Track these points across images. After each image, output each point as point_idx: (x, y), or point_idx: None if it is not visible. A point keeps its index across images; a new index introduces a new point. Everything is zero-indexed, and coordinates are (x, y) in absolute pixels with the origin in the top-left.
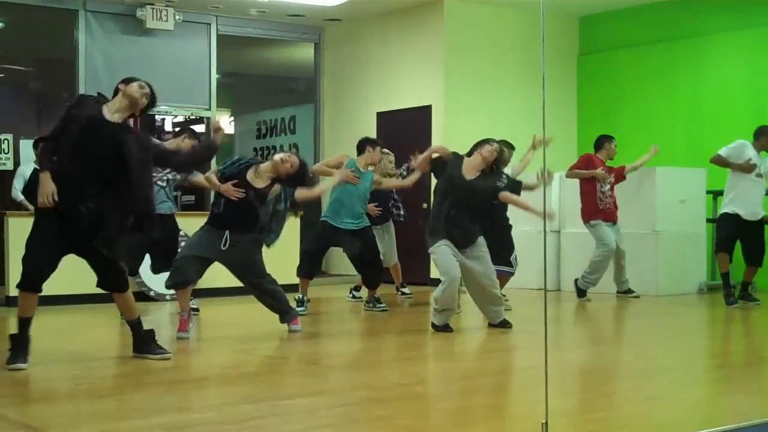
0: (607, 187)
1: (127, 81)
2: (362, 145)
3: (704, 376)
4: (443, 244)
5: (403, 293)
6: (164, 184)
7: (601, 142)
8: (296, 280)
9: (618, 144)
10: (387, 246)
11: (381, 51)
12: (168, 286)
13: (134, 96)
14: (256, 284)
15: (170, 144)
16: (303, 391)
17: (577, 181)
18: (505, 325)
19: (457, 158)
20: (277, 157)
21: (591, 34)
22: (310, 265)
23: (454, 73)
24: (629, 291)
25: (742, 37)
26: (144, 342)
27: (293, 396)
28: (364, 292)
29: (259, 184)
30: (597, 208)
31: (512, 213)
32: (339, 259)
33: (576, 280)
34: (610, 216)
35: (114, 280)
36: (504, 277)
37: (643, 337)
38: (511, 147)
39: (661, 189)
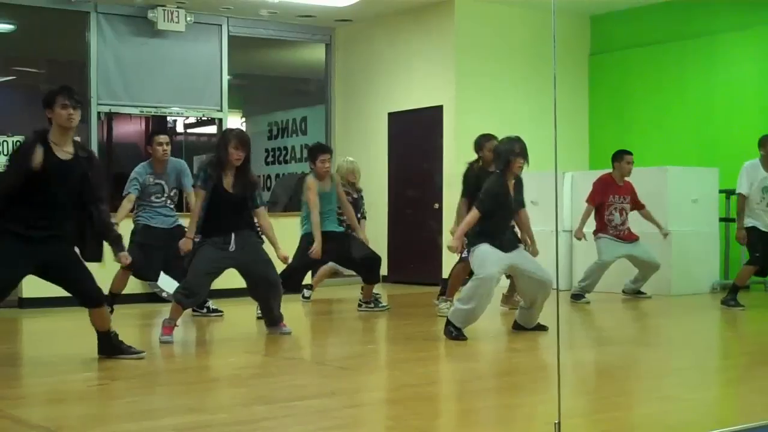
0: (617, 216)
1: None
2: (313, 155)
3: (717, 376)
4: (486, 244)
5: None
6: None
7: (614, 158)
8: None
9: (629, 144)
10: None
11: (392, 51)
12: (185, 307)
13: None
14: (273, 281)
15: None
16: (315, 392)
17: (589, 181)
18: (542, 328)
19: (493, 176)
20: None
21: (602, 33)
22: (298, 280)
23: (465, 74)
24: (640, 292)
25: (754, 36)
26: (115, 346)
27: (305, 397)
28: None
29: (229, 185)
30: (605, 228)
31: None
32: None
33: (572, 295)
34: (621, 236)
35: (93, 296)
36: None
37: (656, 337)
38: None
39: (673, 188)
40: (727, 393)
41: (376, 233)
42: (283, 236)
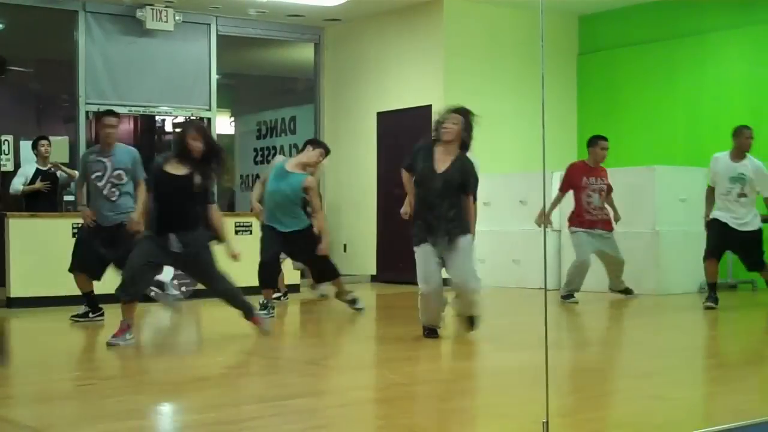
0: (595, 197)
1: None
2: (305, 144)
3: (704, 375)
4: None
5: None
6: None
7: (589, 143)
8: (296, 281)
9: (618, 143)
10: None
11: (381, 51)
12: (122, 299)
13: None
14: (213, 291)
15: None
16: (303, 391)
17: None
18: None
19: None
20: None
21: (591, 33)
22: (269, 276)
23: (453, 73)
24: (627, 291)
25: (742, 35)
26: None
27: (294, 396)
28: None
29: (179, 171)
30: (581, 217)
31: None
32: (340, 260)
33: (561, 297)
34: (595, 225)
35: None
36: None
37: (643, 336)
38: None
39: (660, 188)
40: (713, 392)
41: (364, 232)
42: None
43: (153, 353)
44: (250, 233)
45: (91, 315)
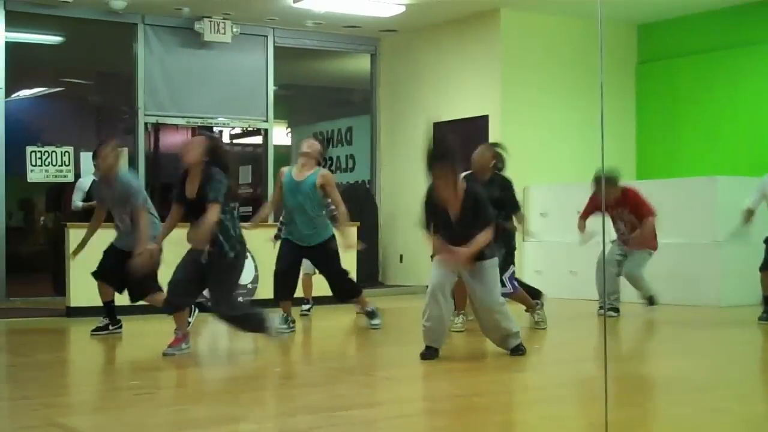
0: (621, 224)
1: None
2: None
3: None
4: None
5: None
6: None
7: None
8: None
9: (678, 153)
10: None
11: (437, 61)
12: (165, 312)
13: None
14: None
15: None
16: (360, 402)
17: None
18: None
19: None
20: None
21: (650, 42)
22: (284, 287)
23: (511, 83)
24: (651, 301)
25: None
26: None
27: (350, 407)
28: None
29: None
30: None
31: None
32: (396, 270)
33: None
34: (624, 236)
35: None
36: None
37: (705, 349)
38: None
39: (722, 198)
40: None
41: (420, 243)
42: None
43: (209, 363)
44: None
45: (111, 327)
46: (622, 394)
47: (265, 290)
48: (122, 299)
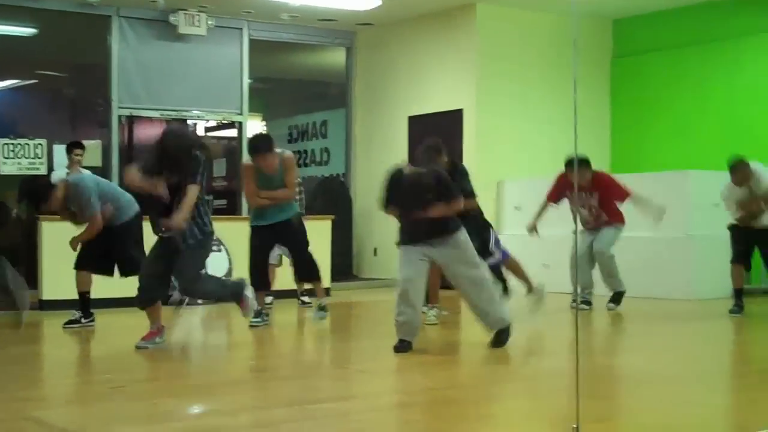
0: (586, 211)
1: None
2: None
3: (739, 381)
4: None
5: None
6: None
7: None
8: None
9: (651, 147)
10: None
11: (413, 55)
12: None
13: None
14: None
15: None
16: (333, 395)
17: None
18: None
19: None
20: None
21: (625, 37)
22: (262, 277)
23: (486, 77)
24: (616, 296)
25: None
26: None
27: (324, 400)
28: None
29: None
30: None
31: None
32: (370, 263)
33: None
34: (589, 225)
35: None
36: None
37: (676, 342)
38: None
39: (694, 192)
40: (748, 398)
41: (395, 237)
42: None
43: (183, 356)
44: None
45: (83, 320)
46: (594, 387)
47: None
48: (100, 292)
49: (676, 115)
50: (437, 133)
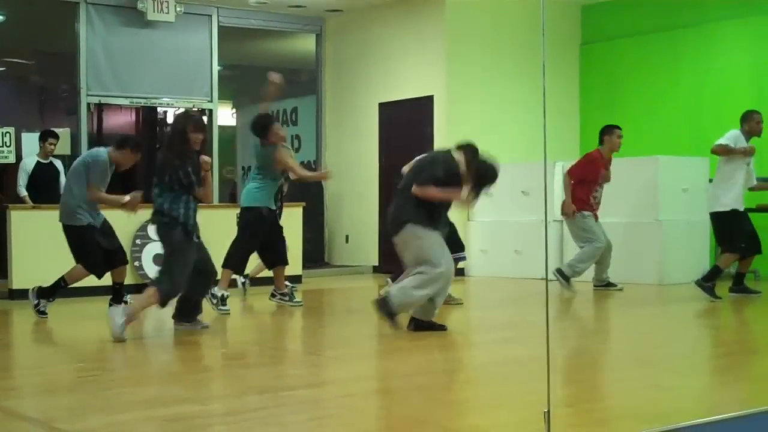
0: (601, 191)
1: None
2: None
3: (708, 364)
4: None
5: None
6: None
7: (604, 132)
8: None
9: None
10: None
11: (382, 42)
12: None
13: None
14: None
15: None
16: (306, 382)
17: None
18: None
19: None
20: None
21: (593, 23)
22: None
23: (455, 63)
24: (611, 284)
25: (746, 26)
26: None
27: (297, 387)
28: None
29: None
30: (588, 203)
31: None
32: (341, 250)
33: (558, 269)
34: (595, 213)
35: None
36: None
37: (645, 326)
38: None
39: (663, 178)
40: (717, 381)
41: (366, 223)
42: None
43: (155, 345)
44: None
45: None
46: (565, 372)
47: None
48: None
49: (645, 101)
50: (408, 120)
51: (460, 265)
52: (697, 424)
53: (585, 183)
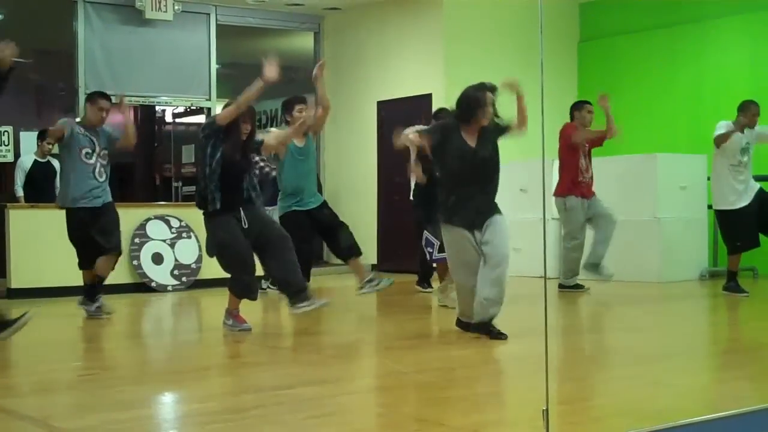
0: (588, 161)
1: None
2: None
3: (706, 362)
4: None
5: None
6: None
7: (573, 109)
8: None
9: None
10: None
11: (381, 40)
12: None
13: None
14: (280, 245)
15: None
16: (305, 380)
17: None
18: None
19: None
20: None
21: (591, 20)
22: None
23: (454, 61)
24: (579, 285)
25: (744, 23)
26: None
27: (295, 385)
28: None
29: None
30: (575, 182)
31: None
32: None
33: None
34: (587, 192)
35: None
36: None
37: (644, 324)
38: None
39: (662, 175)
40: (716, 379)
41: (365, 221)
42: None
43: (152, 344)
44: None
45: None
46: (564, 369)
47: (209, 270)
48: (67, 280)
49: (643, 98)
50: (406, 118)
51: None
52: (695, 421)
53: (571, 155)
